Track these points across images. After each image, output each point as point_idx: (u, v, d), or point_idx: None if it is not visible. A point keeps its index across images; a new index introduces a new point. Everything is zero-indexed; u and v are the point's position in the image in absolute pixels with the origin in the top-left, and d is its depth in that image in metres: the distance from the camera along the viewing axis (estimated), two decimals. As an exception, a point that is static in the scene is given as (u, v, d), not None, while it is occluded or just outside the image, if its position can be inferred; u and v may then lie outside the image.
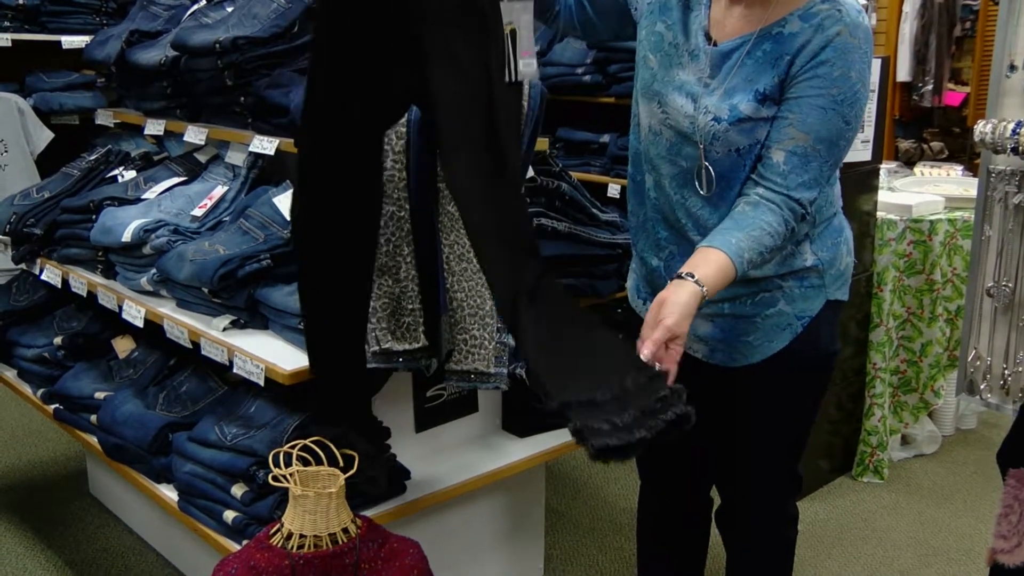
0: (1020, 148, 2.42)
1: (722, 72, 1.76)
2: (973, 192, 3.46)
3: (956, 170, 4.17)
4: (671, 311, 1.59)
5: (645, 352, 1.57)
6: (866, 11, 1.81)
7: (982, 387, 2.59)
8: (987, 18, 6.22)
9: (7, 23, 3.52)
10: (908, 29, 6.37)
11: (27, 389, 2.89)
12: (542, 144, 2.43)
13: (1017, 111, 2.49)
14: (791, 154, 1.70)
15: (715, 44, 1.79)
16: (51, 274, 2.82)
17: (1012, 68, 2.48)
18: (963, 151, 6.45)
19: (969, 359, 2.63)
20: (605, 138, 3.36)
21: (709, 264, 1.65)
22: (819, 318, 1.88)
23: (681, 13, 1.84)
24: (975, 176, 4.23)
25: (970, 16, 6.78)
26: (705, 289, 1.62)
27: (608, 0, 1.97)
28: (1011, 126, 2.44)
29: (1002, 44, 2.48)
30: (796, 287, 1.86)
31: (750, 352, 1.89)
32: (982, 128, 2.49)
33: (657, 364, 1.56)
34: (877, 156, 3.28)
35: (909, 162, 5.55)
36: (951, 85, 6.69)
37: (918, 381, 3.46)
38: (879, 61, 3.15)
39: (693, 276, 1.63)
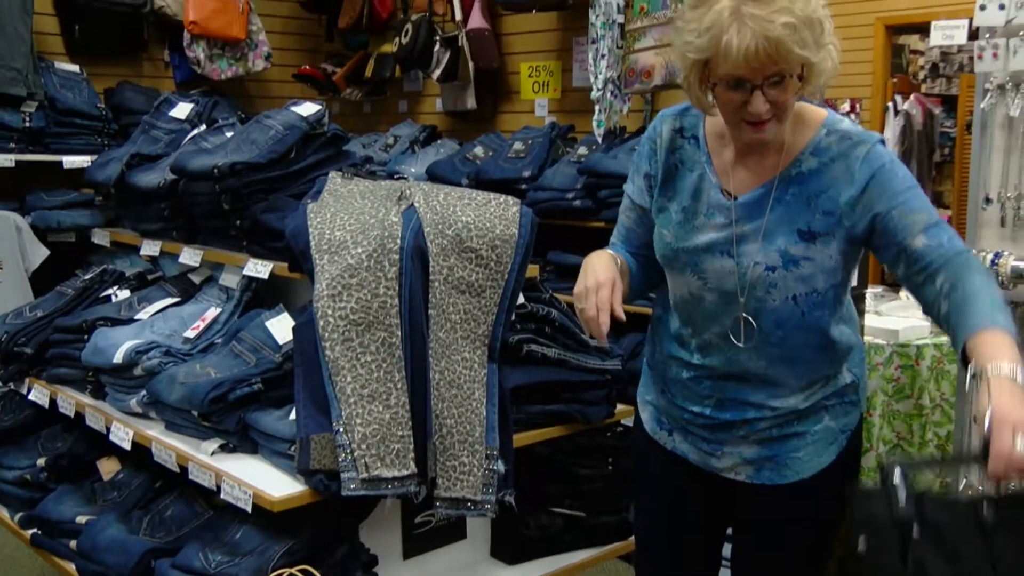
0: (1000, 278, 2.48)
1: (752, 222, 1.76)
2: (958, 317, 3.50)
3: (940, 294, 4.23)
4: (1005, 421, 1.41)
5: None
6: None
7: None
8: (963, 146, 6.42)
9: (12, 144, 3.60)
10: (889, 155, 6.56)
11: (4, 513, 2.82)
12: (532, 270, 2.47)
13: (995, 241, 2.56)
14: (927, 231, 1.67)
15: (734, 197, 1.78)
16: (39, 394, 2.81)
17: (987, 201, 2.57)
18: (947, 272, 6.54)
19: (960, 488, 2.62)
20: (595, 262, 3.41)
21: (996, 349, 1.49)
22: (856, 430, 1.92)
23: (680, 179, 1.84)
24: (959, 300, 4.28)
25: (948, 142, 7.00)
26: (1015, 365, 1.46)
27: (650, 238, 1.90)
28: (990, 256, 2.50)
29: (976, 178, 2.57)
30: (838, 404, 1.87)
31: (801, 467, 1.87)
32: (963, 258, 2.55)
33: None
34: (863, 281, 3.33)
35: (894, 285, 5.62)
36: (933, 208, 6.84)
37: (910, 507, 3.43)
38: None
39: (1008, 369, 1.46)
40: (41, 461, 2.83)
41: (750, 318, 1.77)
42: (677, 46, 1.70)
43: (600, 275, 1.73)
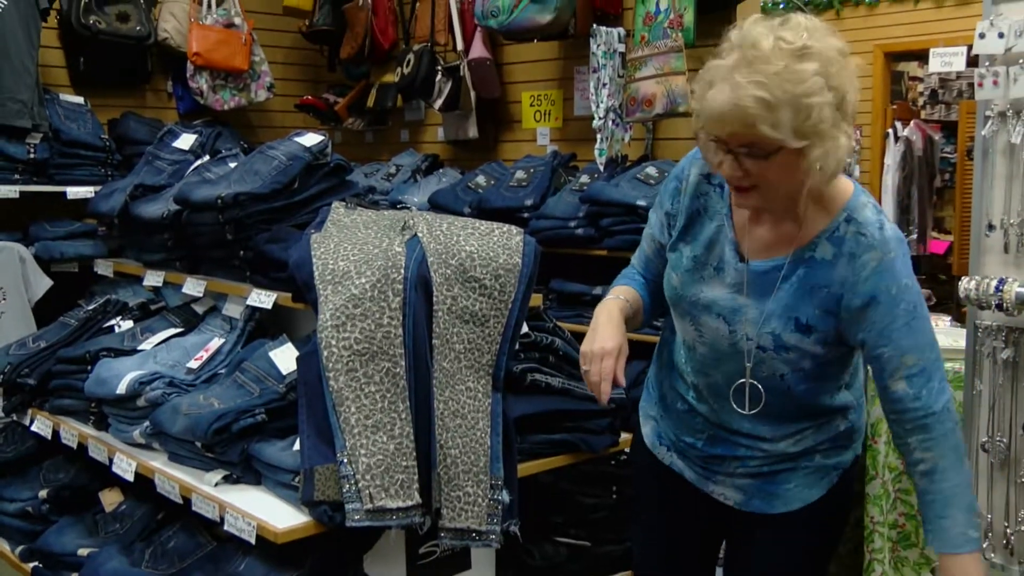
0: (1004, 304, 2.47)
1: (756, 293, 1.74)
2: (962, 343, 3.48)
3: (944, 321, 4.21)
4: None
5: None
6: (848, 166, 1.85)
7: (985, 546, 2.55)
8: (964, 171, 6.44)
9: (17, 175, 3.61)
10: (891, 180, 6.58)
11: (4, 546, 2.80)
12: (536, 299, 2.47)
13: (998, 268, 2.56)
14: (909, 379, 1.69)
15: (746, 261, 1.76)
16: (42, 425, 2.80)
17: (991, 227, 2.56)
18: (950, 298, 6.54)
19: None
20: (598, 290, 3.41)
21: (962, 568, 1.71)
22: (850, 469, 1.92)
23: (699, 226, 1.82)
24: (963, 326, 4.26)
25: (948, 168, 7.02)
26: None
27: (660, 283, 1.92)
28: (994, 283, 2.49)
29: (979, 205, 2.57)
30: (830, 445, 1.88)
31: (790, 499, 1.88)
32: (966, 284, 2.54)
33: None
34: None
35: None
36: (935, 233, 6.86)
37: (918, 535, 3.40)
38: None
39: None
40: (43, 493, 2.82)
41: (758, 384, 1.77)
42: None
43: (607, 343, 1.77)
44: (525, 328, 2.40)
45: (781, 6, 6.83)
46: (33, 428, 2.84)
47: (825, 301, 1.70)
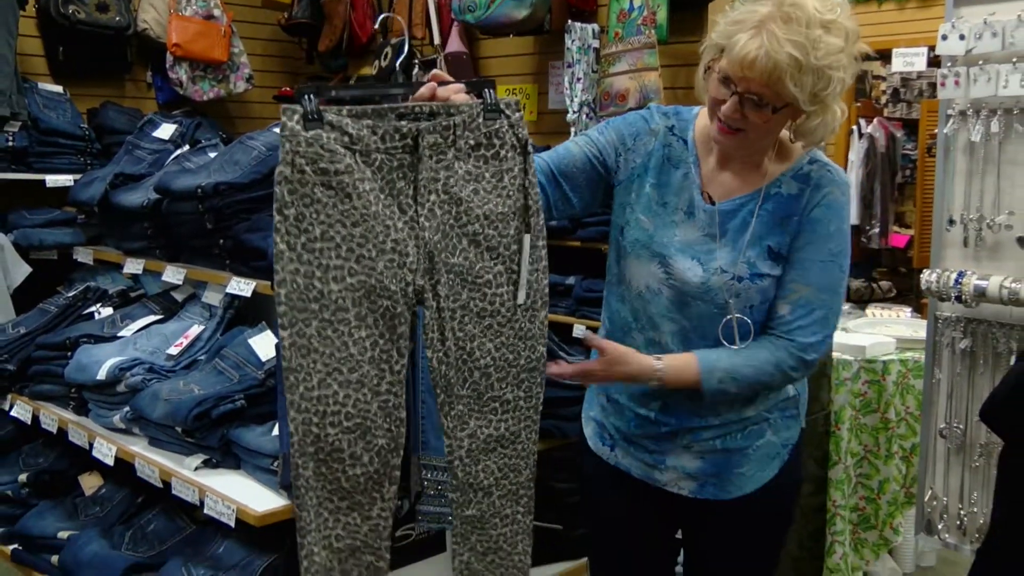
0: (963, 296, 2.56)
1: (729, 231, 1.81)
2: (922, 334, 3.59)
3: (905, 312, 4.32)
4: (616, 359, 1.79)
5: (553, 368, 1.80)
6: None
7: (940, 527, 2.66)
8: (925, 168, 6.56)
9: (-5, 164, 3.62)
10: (854, 176, 6.68)
11: (-16, 530, 2.84)
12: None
13: (958, 261, 2.65)
14: (795, 305, 1.80)
15: (713, 203, 1.83)
16: (21, 410, 2.83)
17: (951, 222, 2.66)
18: (910, 290, 6.67)
19: (926, 499, 2.70)
20: (571, 280, 3.47)
21: (679, 359, 1.80)
22: (797, 445, 1.96)
23: (667, 174, 1.86)
24: (923, 317, 4.38)
25: (909, 164, 7.14)
26: (662, 367, 1.78)
27: (583, 175, 1.89)
28: (953, 276, 2.59)
29: (940, 201, 2.66)
30: (779, 417, 1.92)
31: (744, 483, 1.91)
32: (927, 277, 2.64)
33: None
34: (831, 300, 3.41)
35: (860, 301, 5.73)
36: (896, 228, 6.97)
37: (877, 518, 3.51)
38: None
39: (660, 358, 1.79)
40: (22, 477, 2.85)
41: (746, 319, 1.81)
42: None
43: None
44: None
45: (753, 3, 6.90)
46: (12, 413, 2.86)
47: (791, 229, 1.80)
